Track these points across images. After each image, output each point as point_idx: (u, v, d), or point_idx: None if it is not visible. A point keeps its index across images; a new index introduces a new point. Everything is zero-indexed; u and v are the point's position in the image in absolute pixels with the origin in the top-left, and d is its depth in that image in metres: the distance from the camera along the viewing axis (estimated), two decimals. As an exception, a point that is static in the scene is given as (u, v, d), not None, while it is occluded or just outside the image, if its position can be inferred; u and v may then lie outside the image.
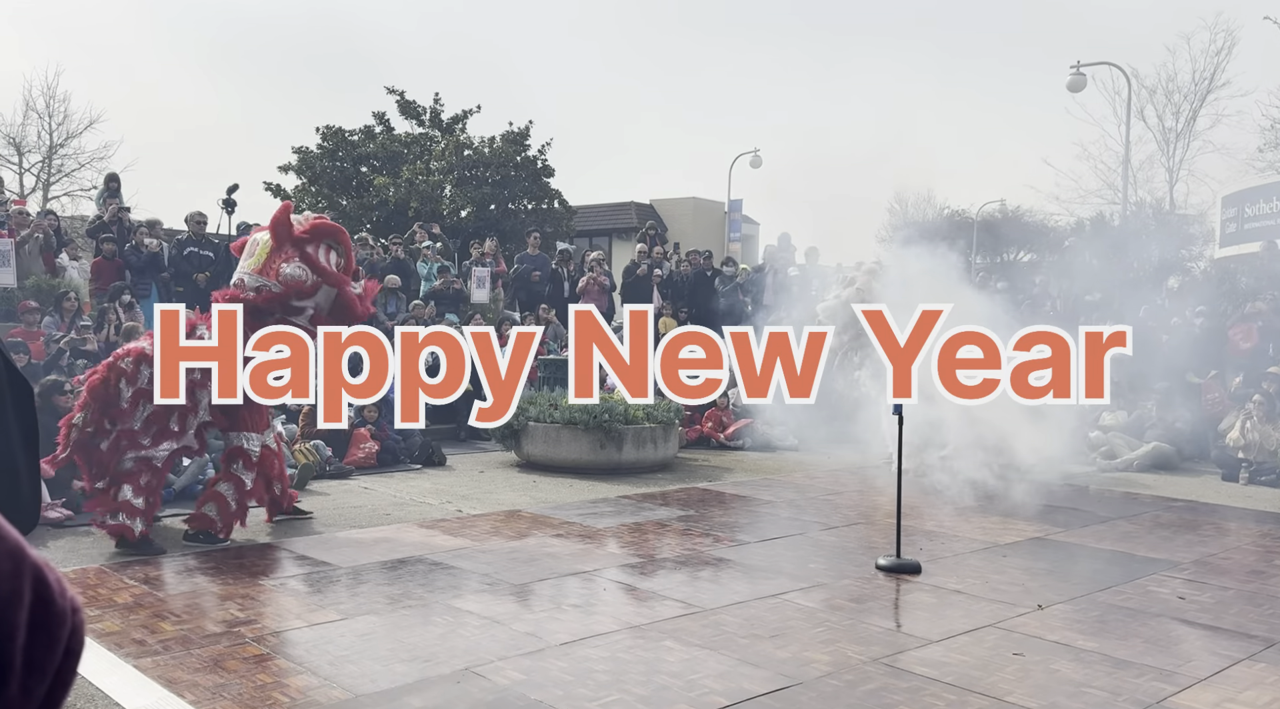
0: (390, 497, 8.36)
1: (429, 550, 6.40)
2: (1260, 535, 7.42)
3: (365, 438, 9.69)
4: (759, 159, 32.20)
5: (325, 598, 5.36)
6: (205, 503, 6.64)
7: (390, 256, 14.04)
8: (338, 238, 6.80)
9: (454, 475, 9.58)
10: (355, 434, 9.64)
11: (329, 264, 6.69)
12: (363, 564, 6.05)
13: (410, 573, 5.87)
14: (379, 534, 6.91)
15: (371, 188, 23.56)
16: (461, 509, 7.85)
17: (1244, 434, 9.97)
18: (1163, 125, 28.72)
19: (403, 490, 8.65)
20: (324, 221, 6.90)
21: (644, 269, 15.45)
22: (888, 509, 7.58)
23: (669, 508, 8.08)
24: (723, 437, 12.15)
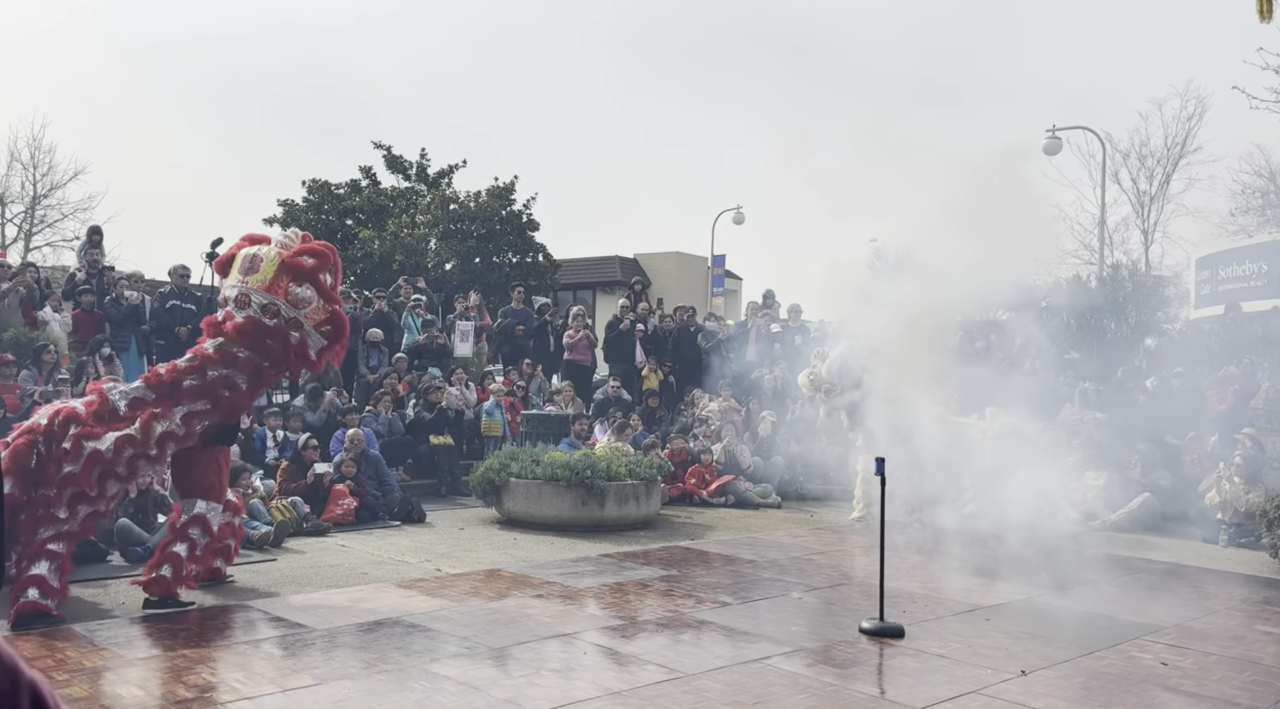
0: (368, 555, 8.25)
1: (406, 612, 6.30)
2: (1241, 600, 7.42)
3: (344, 494, 9.59)
4: (741, 215, 32.56)
5: (300, 662, 5.25)
6: (160, 565, 6.35)
7: (374, 310, 14.04)
8: (334, 260, 6.86)
9: (434, 532, 9.47)
10: (334, 490, 9.54)
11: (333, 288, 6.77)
12: (338, 626, 5.94)
13: (387, 636, 5.77)
14: (356, 595, 6.80)
15: (356, 241, 23.65)
16: (440, 568, 7.75)
17: (1222, 495, 10.03)
18: (1137, 188, 29.37)
19: (381, 548, 8.54)
20: (321, 249, 6.74)
21: (626, 324, 15.51)
22: (870, 569, 7.54)
23: (651, 567, 8.00)
24: (705, 493, 12.10)
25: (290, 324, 6.49)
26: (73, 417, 6.15)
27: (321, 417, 11.40)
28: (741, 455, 12.61)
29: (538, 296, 20.09)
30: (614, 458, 10.22)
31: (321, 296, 6.58)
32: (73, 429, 6.10)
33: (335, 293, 6.78)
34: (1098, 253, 24.03)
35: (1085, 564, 8.73)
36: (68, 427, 6.10)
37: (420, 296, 14.56)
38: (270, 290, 6.46)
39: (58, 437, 6.08)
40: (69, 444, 6.05)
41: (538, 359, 14.88)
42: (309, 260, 6.56)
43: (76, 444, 6.05)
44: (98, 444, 6.07)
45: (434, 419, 12.11)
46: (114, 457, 6.09)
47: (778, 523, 10.85)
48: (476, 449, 12.68)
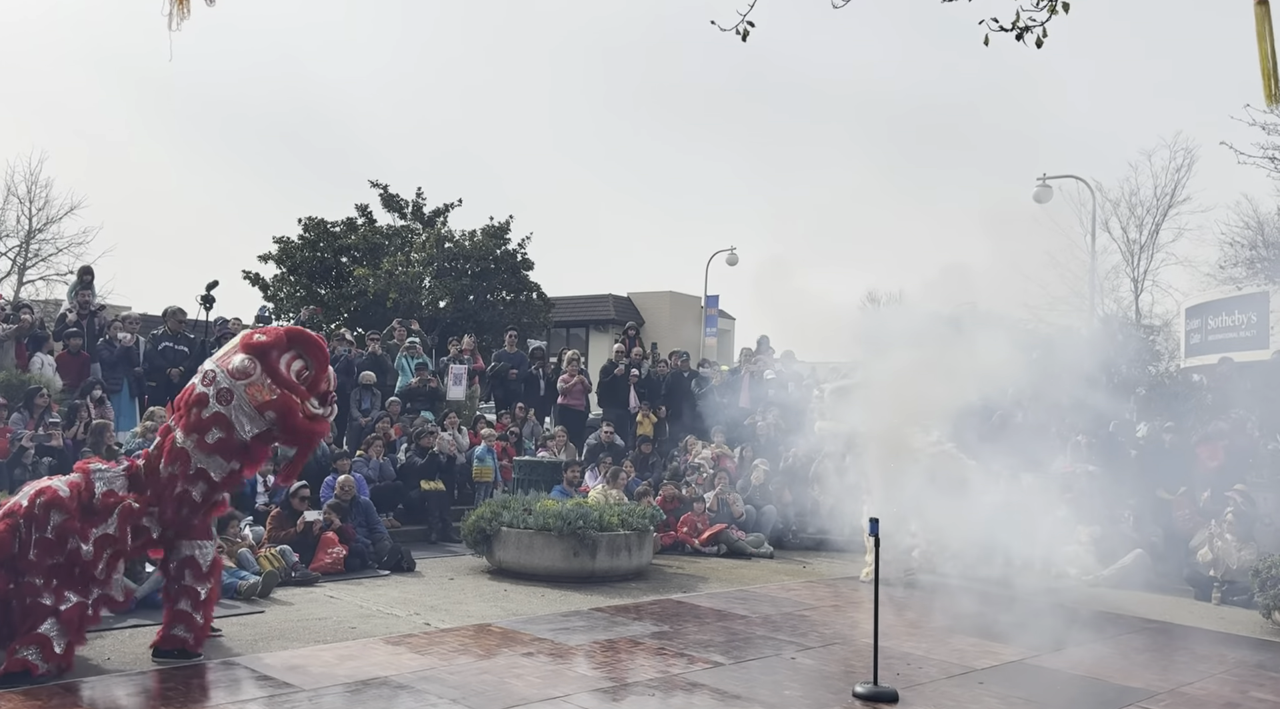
0: (356, 607, 8.16)
1: (395, 671, 6.22)
2: (1235, 663, 7.38)
3: (333, 542, 9.50)
4: (735, 256, 32.77)
5: (286, 724, 5.18)
6: (173, 625, 6.36)
7: (367, 352, 14.03)
8: (308, 349, 6.45)
9: (423, 583, 9.39)
10: (323, 538, 9.46)
11: (288, 372, 6.32)
12: (326, 686, 5.87)
13: (375, 696, 5.70)
14: (344, 651, 6.72)
15: (351, 278, 23.69)
16: (430, 622, 7.66)
17: (1214, 552, 10.02)
18: (1127, 237, 29.70)
19: (370, 600, 8.46)
20: (285, 331, 6.52)
21: (621, 369, 15.53)
22: (864, 628, 7.50)
23: (642, 623, 7.94)
24: (697, 542, 12.04)
25: (221, 395, 6.17)
26: (55, 502, 5.94)
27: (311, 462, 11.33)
28: (734, 503, 12.57)
29: (532, 340, 20.11)
30: (606, 508, 10.17)
31: (267, 374, 6.19)
32: (55, 518, 5.91)
33: (298, 382, 6.30)
34: (1088, 300, 24.22)
35: (1078, 623, 8.69)
36: (49, 513, 5.91)
37: (415, 340, 14.56)
38: (220, 361, 6.35)
39: (39, 522, 5.89)
40: (52, 535, 5.87)
41: (530, 402, 14.86)
42: (260, 337, 6.34)
43: (60, 536, 5.88)
44: (81, 543, 5.91)
45: (425, 464, 12.05)
46: (94, 558, 5.95)
47: (770, 574, 10.78)
48: (468, 495, 12.62)
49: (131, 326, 12.42)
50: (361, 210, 25.68)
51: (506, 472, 12.83)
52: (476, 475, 12.71)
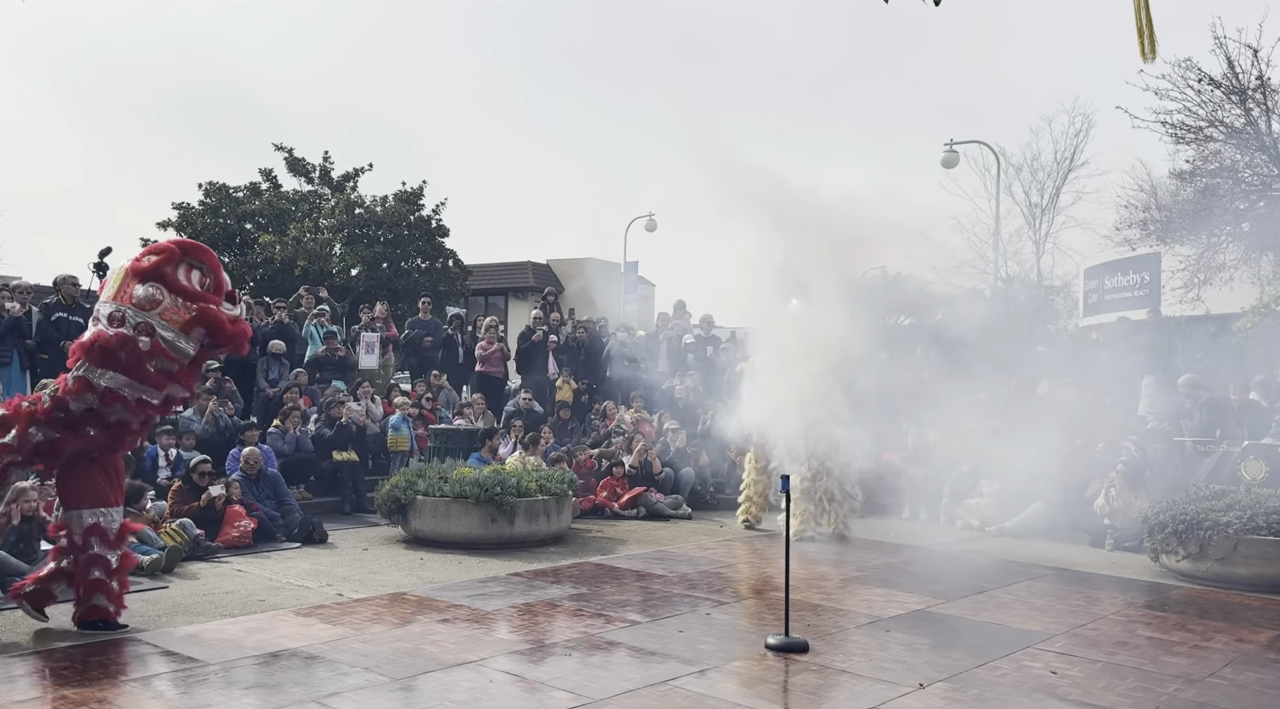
0: (265, 580, 7.98)
1: (306, 642, 6.11)
2: (1125, 605, 7.78)
3: (240, 516, 9.25)
4: (654, 222, 32.76)
5: (192, 699, 5.05)
6: (91, 595, 6.20)
7: (274, 321, 13.61)
8: (199, 255, 6.30)
9: (336, 554, 9.23)
10: (228, 512, 9.20)
11: (191, 283, 6.19)
12: (233, 659, 5.73)
13: (285, 668, 5.59)
14: (252, 624, 6.57)
15: (256, 246, 22.93)
16: (343, 593, 7.54)
17: (1109, 502, 10.51)
18: (1029, 201, 30.69)
19: (279, 572, 8.28)
20: (165, 245, 6.36)
21: (539, 335, 15.42)
22: (777, 582, 7.65)
23: (561, 586, 7.96)
24: (617, 506, 12.10)
25: (140, 329, 5.98)
26: None
27: (208, 429, 11.00)
28: (654, 461, 12.66)
29: (450, 307, 19.81)
30: (525, 473, 10.13)
31: (176, 294, 6.04)
32: None
33: (204, 291, 6.21)
34: (993, 263, 24.99)
35: (981, 572, 9.04)
36: None
37: (324, 307, 14.18)
38: (116, 299, 6.08)
39: None
40: None
41: (448, 371, 14.66)
42: (150, 258, 6.11)
43: None
44: None
45: (337, 434, 11.81)
46: None
47: (688, 535, 10.92)
48: (383, 465, 12.42)
49: (21, 296, 11.77)
50: (266, 175, 24.85)
51: (423, 440, 12.66)
52: (391, 445, 12.51)
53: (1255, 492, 9.28)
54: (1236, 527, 8.44)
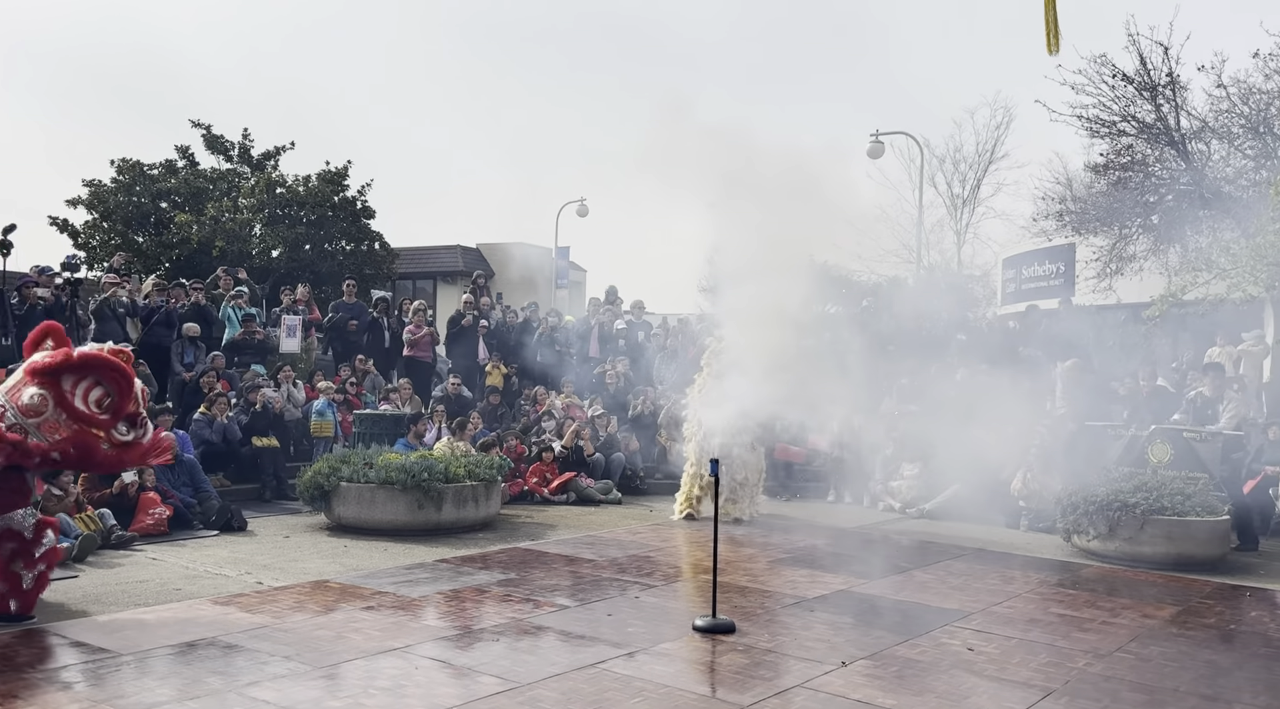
0: (181, 569, 7.75)
1: (224, 630, 5.95)
2: (1038, 583, 8.06)
3: (155, 502, 8.95)
4: (585, 208, 32.68)
5: (103, 691, 4.87)
6: None
7: (190, 302, 13.18)
8: (105, 374, 5.92)
9: (255, 542, 9.00)
10: (142, 499, 8.89)
11: (86, 404, 5.85)
12: (148, 649, 5.55)
13: (202, 658, 5.44)
14: (167, 613, 6.37)
15: (172, 225, 22.14)
16: (262, 581, 7.36)
17: (1025, 484, 10.87)
18: (951, 192, 31.46)
19: (196, 561, 8.04)
20: (95, 354, 5.99)
21: (469, 320, 15.24)
22: (705, 565, 7.72)
23: (489, 571, 7.90)
24: (547, 491, 12.05)
25: (13, 430, 5.71)
26: None
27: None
28: (586, 443, 12.64)
29: (376, 290, 19.43)
30: (452, 459, 10.02)
31: (61, 409, 5.73)
32: None
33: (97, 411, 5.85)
34: (916, 252, 25.56)
35: (902, 552, 9.27)
36: None
37: (242, 289, 13.77)
38: (9, 393, 5.81)
39: None
40: None
41: (373, 355, 14.39)
42: (44, 359, 5.80)
43: None
44: None
45: (256, 420, 11.50)
46: None
47: (618, 519, 10.94)
48: (305, 451, 12.15)
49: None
50: (182, 152, 23.99)
51: (347, 426, 12.42)
52: (314, 431, 12.24)
53: (1161, 473, 9.69)
54: (1143, 507, 8.80)
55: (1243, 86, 14.06)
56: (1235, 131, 14.38)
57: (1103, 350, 14.18)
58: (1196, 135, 14.56)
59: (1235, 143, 14.49)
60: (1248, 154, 14.44)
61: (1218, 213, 14.08)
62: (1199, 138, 14.58)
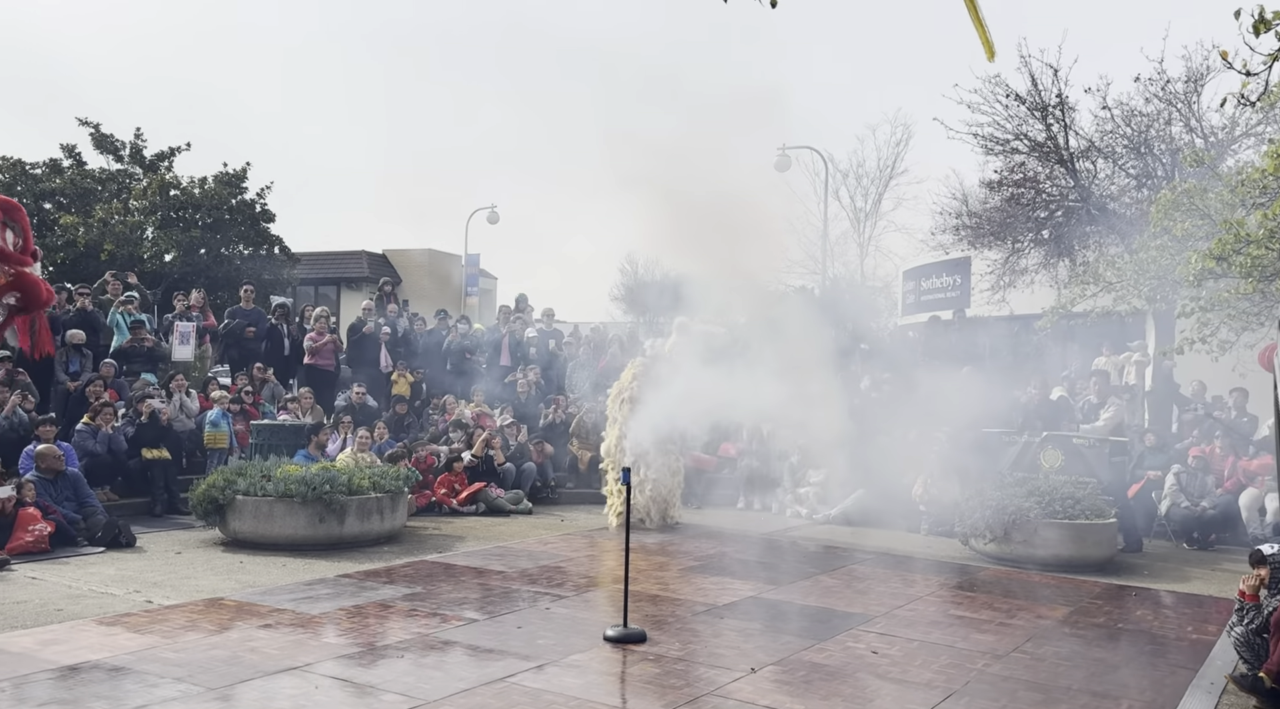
0: (64, 588, 7.32)
1: (110, 653, 5.64)
2: (939, 586, 8.29)
3: (34, 519, 8.44)
4: (496, 215, 32.39)
5: (-29, 724, 4.55)
6: None
7: (76, 308, 12.52)
8: (13, 215, 6.07)
9: (145, 559, 8.57)
10: (21, 515, 8.38)
11: (6, 243, 5.98)
12: (26, 674, 5.21)
13: (86, 682, 5.13)
14: (47, 635, 6.00)
15: (57, 227, 21.03)
16: (152, 600, 7.01)
17: (925, 489, 11.18)
18: (854, 205, 32.30)
19: (80, 580, 7.61)
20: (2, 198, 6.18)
21: (370, 327, 14.89)
22: (617, 575, 7.69)
23: (394, 586, 7.70)
24: (455, 502, 11.84)
25: None
26: None
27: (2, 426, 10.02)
28: (497, 452, 12.47)
29: (275, 296, 18.80)
30: (356, 471, 9.74)
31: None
32: None
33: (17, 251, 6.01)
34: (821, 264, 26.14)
35: (808, 558, 9.42)
36: None
37: (132, 294, 13.15)
38: None
39: None
40: None
41: (272, 363, 13.91)
42: None
43: None
44: None
45: (145, 430, 10.98)
46: None
47: (529, 529, 10.82)
48: (199, 463, 11.66)
49: None
50: (68, 151, 22.82)
51: (243, 437, 11.97)
52: (209, 442, 11.76)
53: (1052, 478, 10.09)
54: (1036, 512, 9.15)
55: (1125, 108, 14.85)
56: (1119, 151, 15.17)
57: (997, 359, 14.73)
58: (1084, 154, 15.30)
59: (1119, 162, 15.28)
60: (1130, 173, 15.24)
61: (1104, 229, 14.81)
62: (1086, 157, 15.33)
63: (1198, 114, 14.57)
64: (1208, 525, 10.80)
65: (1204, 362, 11.47)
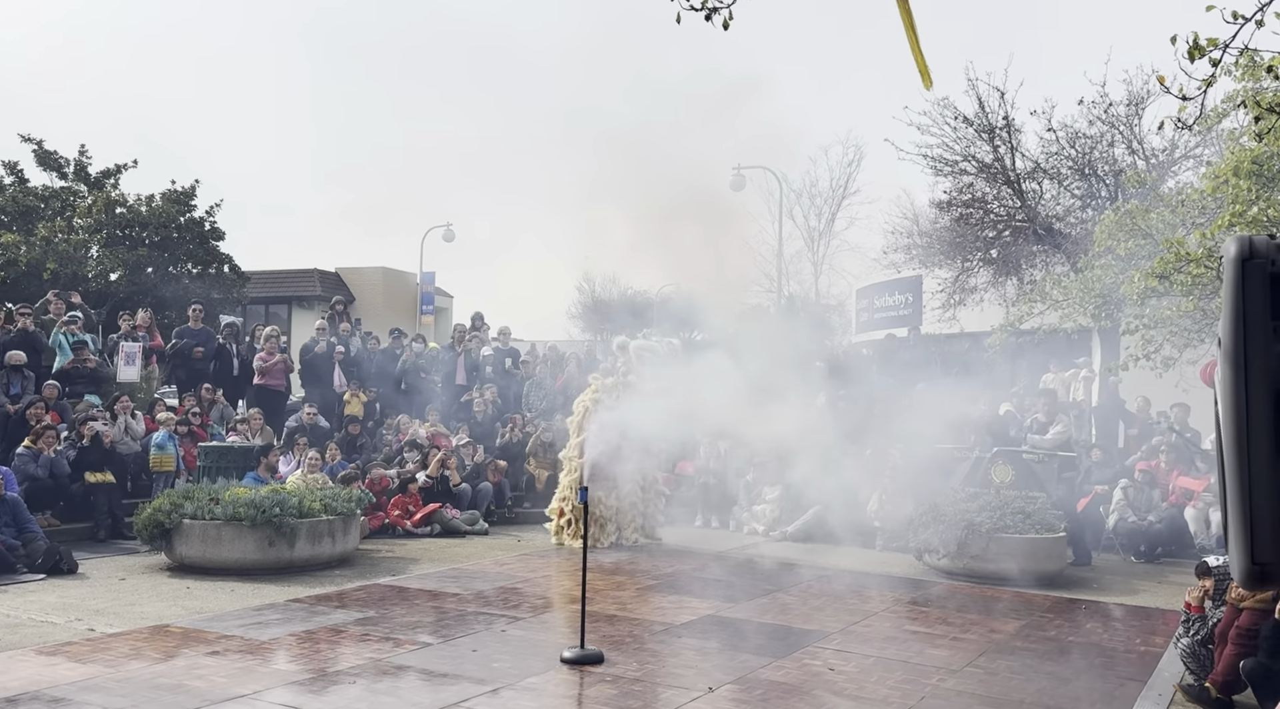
0: (2, 617, 7.07)
1: (50, 684, 5.45)
2: (893, 601, 8.35)
3: (-29, 547, 8.17)
4: (451, 233, 32.27)
5: (-101, 762, 4.37)
6: None
7: (16, 328, 12.17)
8: None
9: (87, 585, 8.32)
10: (-43, 543, 8.10)
11: None
12: (-43, 711, 5.03)
13: (22, 717, 4.96)
14: (-18, 669, 5.79)
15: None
16: (95, 627, 6.81)
17: (880, 505, 11.28)
18: (808, 225, 32.68)
19: (19, 608, 7.36)
20: None
21: (323, 346, 14.68)
22: (574, 595, 7.64)
23: (346, 610, 7.56)
24: (410, 524, 11.68)
25: None
26: None
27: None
28: (453, 473, 12.33)
29: (225, 315, 18.46)
30: (307, 493, 9.57)
31: None
32: None
33: None
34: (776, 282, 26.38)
35: (766, 575, 9.44)
36: None
37: (77, 314, 12.83)
38: None
39: None
40: None
41: (221, 384, 13.64)
42: None
43: None
44: None
45: (88, 453, 10.69)
46: None
47: (485, 550, 10.71)
48: (144, 487, 11.37)
49: None
50: (10, 168, 22.27)
51: (191, 459, 11.70)
52: (154, 465, 11.47)
53: (1003, 493, 10.24)
54: (988, 526, 9.27)
55: (1070, 131, 15.24)
56: (1064, 172, 15.55)
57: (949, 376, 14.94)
58: (1030, 175, 15.66)
59: (1064, 183, 15.66)
60: (1075, 193, 15.62)
61: (1050, 248, 15.15)
62: (1032, 178, 15.69)
63: (1139, 136, 15.01)
64: (1154, 539, 11.03)
65: (1149, 377, 11.75)
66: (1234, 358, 1.33)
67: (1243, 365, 1.32)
